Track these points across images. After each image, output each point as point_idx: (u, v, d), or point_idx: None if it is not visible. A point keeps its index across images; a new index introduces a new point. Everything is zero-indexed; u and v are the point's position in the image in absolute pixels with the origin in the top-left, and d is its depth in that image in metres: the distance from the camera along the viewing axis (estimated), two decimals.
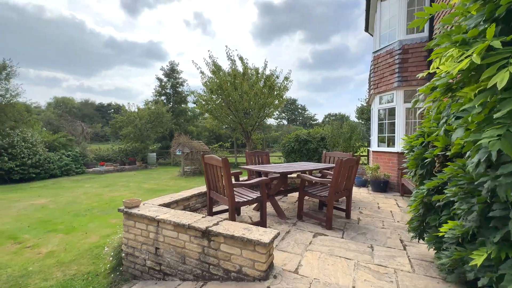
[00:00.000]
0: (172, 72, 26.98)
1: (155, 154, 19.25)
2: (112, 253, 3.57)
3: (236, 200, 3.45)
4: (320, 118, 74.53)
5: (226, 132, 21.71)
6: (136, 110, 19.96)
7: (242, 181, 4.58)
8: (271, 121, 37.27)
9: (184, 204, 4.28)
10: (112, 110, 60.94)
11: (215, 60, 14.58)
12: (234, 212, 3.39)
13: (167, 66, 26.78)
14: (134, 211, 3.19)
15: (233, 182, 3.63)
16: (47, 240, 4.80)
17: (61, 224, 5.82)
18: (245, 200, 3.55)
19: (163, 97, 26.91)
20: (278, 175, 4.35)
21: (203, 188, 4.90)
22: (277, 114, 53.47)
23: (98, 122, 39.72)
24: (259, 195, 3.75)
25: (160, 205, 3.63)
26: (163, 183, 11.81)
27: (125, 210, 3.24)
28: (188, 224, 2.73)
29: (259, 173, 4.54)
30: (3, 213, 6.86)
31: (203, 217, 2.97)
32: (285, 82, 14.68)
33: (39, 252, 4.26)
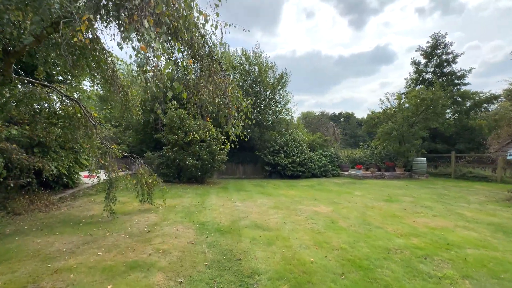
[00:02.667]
0: (434, 49, 19.63)
1: (424, 159, 13.66)
2: None
3: None
4: None
5: None
6: (394, 103, 15.65)
7: None
8: None
9: None
10: (342, 118, 62.51)
11: None
12: None
13: (427, 42, 19.95)
14: None
15: None
16: None
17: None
18: None
19: (418, 87, 20.34)
20: None
21: None
22: None
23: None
24: None
25: None
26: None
27: None
28: None
29: None
30: (300, 220, 5.30)
31: None
32: None
33: None
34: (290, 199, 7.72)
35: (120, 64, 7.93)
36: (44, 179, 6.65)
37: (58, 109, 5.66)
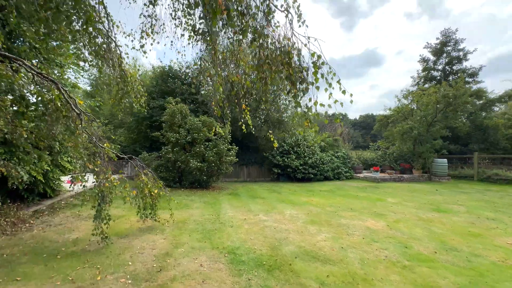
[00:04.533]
0: (444, 46, 18.89)
1: (446, 161, 12.69)
2: None
3: None
4: None
5: None
6: (409, 100, 14.67)
7: None
8: None
9: None
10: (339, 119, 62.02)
11: None
12: None
13: (437, 38, 19.17)
14: None
15: None
16: None
17: None
18: None
19: (426, 85, 19.56)
20: None
21: None
22: None
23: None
24: None
25: None
26: None
27: None
28: None
29: None
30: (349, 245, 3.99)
31: None
32: None
33: None
34: (321, 209, 6.41)
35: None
36: (12, 188, 5.06)
37: (28, 93, 4.11)
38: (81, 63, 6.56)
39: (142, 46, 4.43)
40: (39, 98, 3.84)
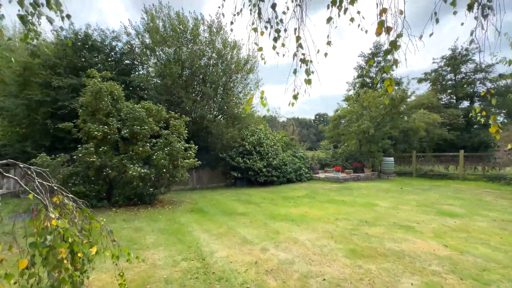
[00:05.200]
0: (374, 56, 20.99)
1: (393, 159, 13.53)
2: None
3: None
4: None
5: None
6: (357, 102, 15.20)
7: None
8: None
9: None
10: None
11: None
12: None
13: (370, 49, 21.12)
14: None
15: None
16: None
17: None
18: None
19: (362, 90, 21.42)
20: None
21: None
22: None
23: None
24: None
25: None
26: None
27: None
28: None
29: None
30: None
31: None
32: None
33: None
34: (335, 226, 4.86)
35: None
36: None
37: None
38: None
39: None
40: None
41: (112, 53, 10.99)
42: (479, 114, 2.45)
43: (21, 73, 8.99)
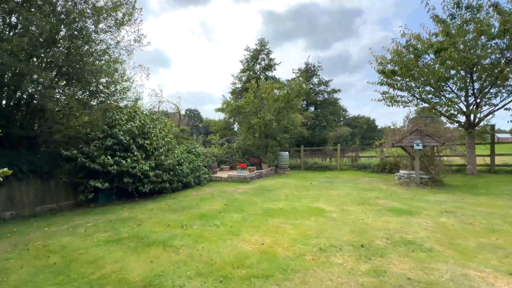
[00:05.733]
0: (258, 53, 21.21)
1: (287, 153, 13.40)
2: None
3: None
4: None
5: None
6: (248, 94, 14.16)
7: None
8: None
9: None
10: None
11: None
12: None
13: (256, 44, 21.00)
14: None
15: None
16: None
17: None
18: None
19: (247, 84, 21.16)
20: None
21: None
22: None
23: None
24: None
25: None
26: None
27: None
28: None
29: None
30: None
31: None
32: None
33: None
34: (316, 263, 2.75)
35: None
36: None
37: None
38: None
39: None
40: None
41: None
42: None
43: None
